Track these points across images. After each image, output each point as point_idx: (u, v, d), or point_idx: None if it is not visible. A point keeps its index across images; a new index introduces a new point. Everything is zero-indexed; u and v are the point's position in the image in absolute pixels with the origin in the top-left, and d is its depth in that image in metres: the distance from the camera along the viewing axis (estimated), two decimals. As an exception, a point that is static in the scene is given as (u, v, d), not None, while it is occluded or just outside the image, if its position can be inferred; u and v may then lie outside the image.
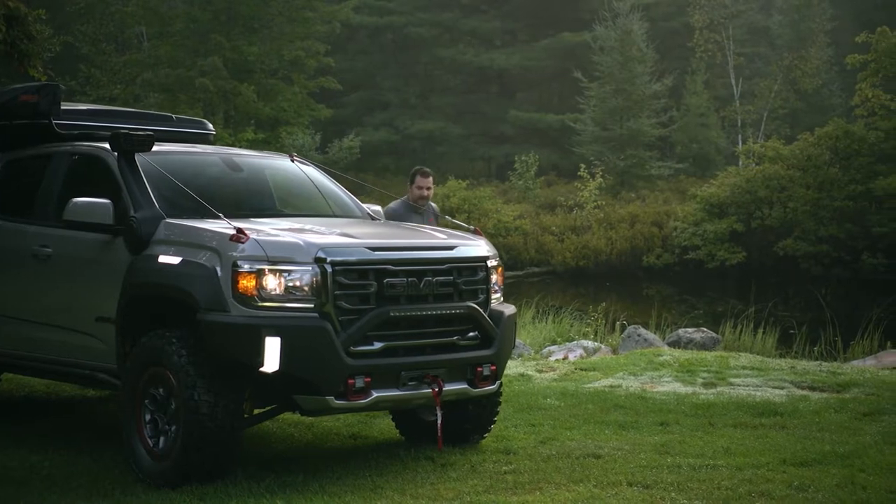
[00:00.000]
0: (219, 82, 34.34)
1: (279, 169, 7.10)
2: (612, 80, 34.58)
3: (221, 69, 34.63)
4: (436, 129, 41.24)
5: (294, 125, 35.48)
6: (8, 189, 6.82)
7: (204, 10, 36.42)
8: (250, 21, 36.71)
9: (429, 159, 40.59)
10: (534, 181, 32.56)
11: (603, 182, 28.72)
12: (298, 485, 5.25)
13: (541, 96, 45.15)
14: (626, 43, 34.59)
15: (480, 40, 44.20)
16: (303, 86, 37.24)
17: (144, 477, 5.35)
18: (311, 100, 37.46)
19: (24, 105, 6.51)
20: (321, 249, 5.32)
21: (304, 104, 37.30)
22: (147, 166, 6.05)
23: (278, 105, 36.23)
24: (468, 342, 5.72)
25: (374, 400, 5.37)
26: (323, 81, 37.54)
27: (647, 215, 28.10)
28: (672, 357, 9.69)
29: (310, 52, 36.91)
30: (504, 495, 4.90)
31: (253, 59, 35.94)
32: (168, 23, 36.81)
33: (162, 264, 5.51)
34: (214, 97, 34.12)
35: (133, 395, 5.50)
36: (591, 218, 28.05)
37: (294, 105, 36.78)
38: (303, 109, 37.15)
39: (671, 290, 23.66)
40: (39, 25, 14.10)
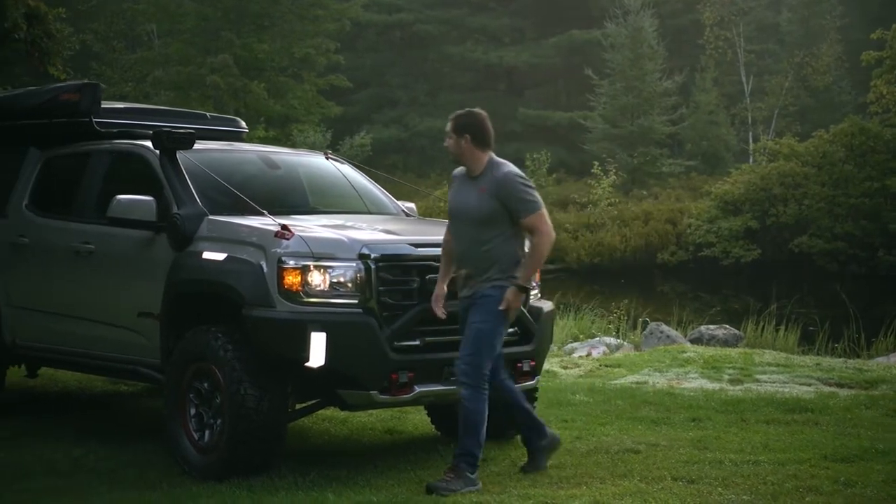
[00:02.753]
0: (229, 80, 34.46)
1: (314, 166, 7.16)
2: (623, 78, 34.60)
3: (232, 67, 34.75)
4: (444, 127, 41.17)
5: (304, 123, 35.57)
6: (48, 187, 6.89)
7: (214, 7, 36.53)
8: (260, 19, 36.83)
9: (437, 157, 40.67)
10: (545, 179, 32.61)
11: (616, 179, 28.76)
12: (343, 478, 5.31)
13: (549, 94, 45.18)
14: (636, 40, 34.60)
15: (489, 38, 44.23)
16: (313, 83, 37.36)
17: (190, 470, 5.42)
18: (321, 97, 37.59)
19: (64, 104, 6.58)
20: (365, 246, 5.38)
21: (315, 102, 37.41)
22: (188, 164, 6.11)
23: (288, 102, 36.36)
24: (508, 338, 5.76)
25: (417, 395, 5.43)
26: (333, 79, 37.64)
27: (661, 213, 28.13)
28: (696, 354, 9.75)
29: (320, 50, 37.03)
30: (550, 489, 4.96)
31: (263, 57, 36.06)
32: (178, 20, 36.94)
33: (206, 261, 5.58)
34: (225, 95, 34.22)
35: (178, 389, 5.56)
36: (605, 215, 28.09)
37: (304, 102, 36.90)
38: (313, 107, 37.26)
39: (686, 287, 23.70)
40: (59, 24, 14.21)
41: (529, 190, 5.19)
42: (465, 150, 5.27)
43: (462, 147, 5.28)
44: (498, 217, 5.13)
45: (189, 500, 4.88)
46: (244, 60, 35.59)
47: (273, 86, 35.88)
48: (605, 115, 35.22)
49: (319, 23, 37.50)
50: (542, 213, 5.15)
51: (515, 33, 45.01)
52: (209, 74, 34.38)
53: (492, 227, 5.14)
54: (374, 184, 7.20)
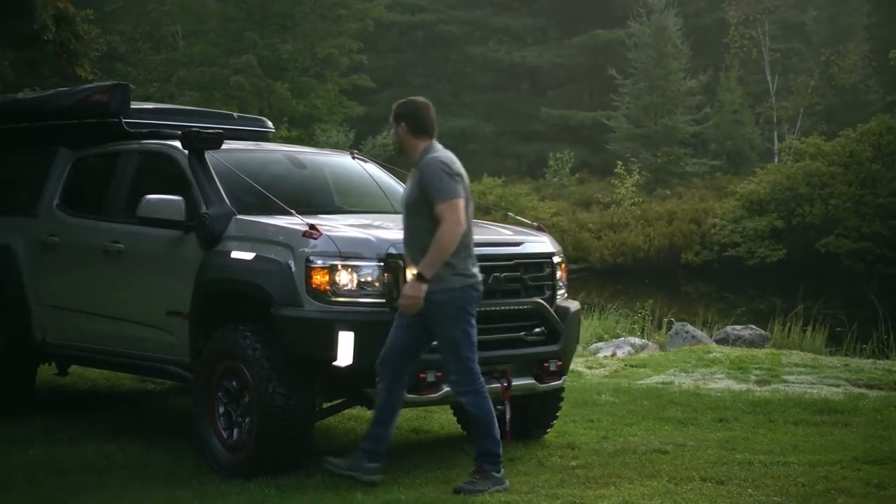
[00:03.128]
0: (253, 80, 34.64)
1: (339, 166, 7.19)
2: (647, 77, 34.45)
3: (255, 67, 34.94)
4: (467, 127, 41.28)
5: (327, 122, 35.70)
6: (77, 186, 6.96)
7: (238, 8, 36.75)
8: (284, 19, 37.00)
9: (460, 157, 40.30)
10: (569, 178, 32.53)
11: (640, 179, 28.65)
12: (372, 477, 5.31)
13: (572, 93, 45.05)
14: (660, 39, 34.43)
15: (512, 38, 44.19)
16: (336, 83, 37.50)
17: (219, 468, 5.45)
18: (344, 97, 37.71)
19: (95, 104, 6.64)
20: (392, 245, 5.39)
21: (337, 102, 37.54)
22: (216, 163, 6.15)
23: (311, 102, 36.49)
24: (535, 338, 5.78)
25: (445, 394, 5.44)
26: (355, 79, 37.76)
27: (686, 212, 27.98)
28: (722, 354, 9.71)
29: (342, 50, 37.15)
30: (578, 489, 4.95)
31: (286, 57, 36.24)
32: (203, 21, 37.20)
33: (235, 260, 5.61)
34: (249, 95, 34.40)
35: (207, 388, 5.60)
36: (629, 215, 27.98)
37: (327, 103, 37.02)
38: (336, 107, 37.38)
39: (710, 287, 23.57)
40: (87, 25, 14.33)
41: (446, 178, 4.94)
42: (402, 137, 5.19)
43: (399, 135, 5.21)
44: (421, 205, 4.97)
45: (219, 497, 4.91)
46: (268, 61, 35.77)
47: (296, 86, 36.04)
48: (629, 115, 35.07)
49: (342, 23, 37.62)
50: (453, 203, 4.88)
51: (538, 33, 44.93)
52: (233, 75, 34.58)
53: (417, 216, 5.01)
54: (400, 183, 7.21)
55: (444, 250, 4.88)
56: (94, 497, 4.92)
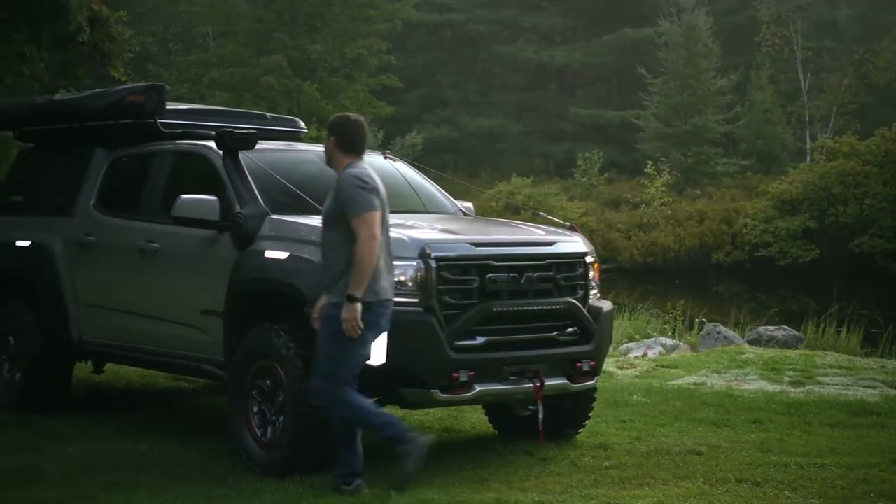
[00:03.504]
0: (282, 80, 34.84)
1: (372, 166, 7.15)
2: (677, 76, 34.21)
3: (285, 67, 35.14)
4: (495, 127, 41.25)
5: (356, 123, 35.78)
6: (113, 186, 7.04)
7: (268, 9, 36.99)
8: (313, 20, 37.18)
9: (488, 156, 40.67)
10: (597, 178, 32.40)
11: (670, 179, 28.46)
12: (404, 476, 5.32)
13: (600, 93, 44.86)
14: (691, 38, 34.18)
15: (540, 37, 44.08)
16: (364, 83, 37.62)
17: (254, 466, 5.49)
18: (373, 97, 37.84)
19: (130, 105, 6.70)
20: (425, 245, 5.41)
21: (366, 102, 37.65)
22: (250, 163, 6.19)
23: (340, 102, 36.58)
24: (567, 337, 5.77)
25: (477, 394, 5.45)
26: (384, 79, 37.87)
27: (716, 212, 27.77)
28: (755, 355, 9.63)
29: (371, 50, 37.28)
30: (612, 490, 4.94)
31: (316, 58, 36.42)
32: (233, 22, 37.48)
33: (269, 259, 5.65)
34: (278, 95, 34.60)
35: (241, 387, 5.64)
36: (659, 215, 27.81)
37: (356, 103, 37.10)
38: (364, 107, 37.46)
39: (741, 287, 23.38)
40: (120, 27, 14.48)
41: (361, 191, 4.95)
42: (330, 150, 5.23)
43: (328, 147, 5.25)
44: (336, 220, 4.99)
45: (253, 495, 4.95)
46: (297, 61, 35.96)
47: (325, 86, 36.20)
48: (659, 114, 34.85)
49: (371, 23, 37.73)
50: (365, 217, 4.90)
51: (567, 32, 44.79)
52: (263, 75, 34.81)
53: (333, 229, 5.01)
54: (432, 183, 7.23)
55: (365, 266, 4.87)
56: (130, 494, 4.97)
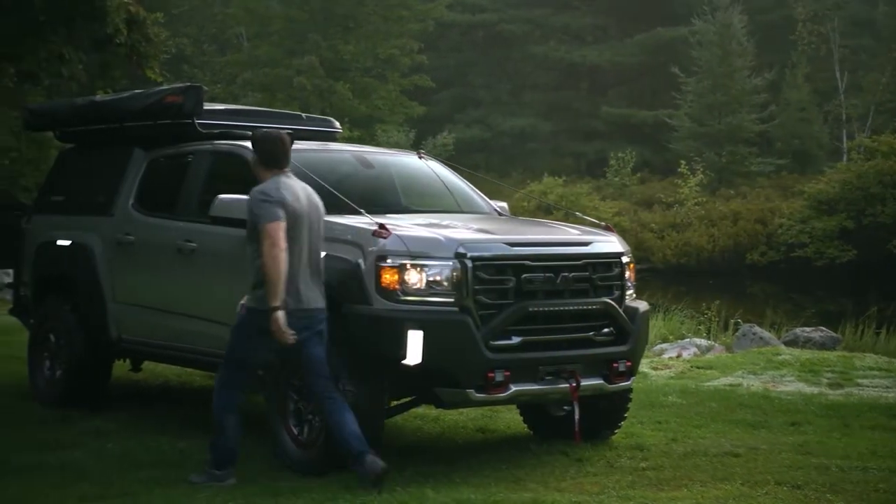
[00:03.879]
0: (315, 81, 35.07)
1: (406, 166, 7.23)
2: (711, 75, 33.90)
3: (318, 68, 35.36)
4: (527, 126, 41.17)
5: (388, 123, 35.94)
6: (151, 186, 7.11)
7: (301, 10, 37.24)
8: (346, 20, 37.37)
9: (519, 156, 40.60)
10: (630, 178, 32.21)
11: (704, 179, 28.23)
12: (440, 475, 5.34)
13: (632, 92, 44.61)
14: (725, 37, 33.87)
15: (572, 36, 43.93)
16: (397, 83, 37.76)
17: (290, 464, 5.52)
18: (405, 97, 37.95)
19: (169, 106, 6.77)
20: (461, 245, 5.42)
21: (398, 102, 37.81)
22: (286, 163, 6.22)
23: (373, 103, 36.80)
24: (603, 338, 5.75)
25: (513, 394, 5.44)
26: (416, 79, 37.98)
27: (751, 212, 27.50)
28: (792, 356, 9.54)
29: (404, 50, 37.40)
30: (650, 491, 4.91)
31: (348, 58, 36.61)
32: (267, 23, 37.77)
33: (305, 259, 5.67)
34: (311, 96, 34.81)
35: (277, 385, 5.68)
36: (692, 215, 27.60)
37: (388, 103, 37.30)
38: (397, 107, 37.64)
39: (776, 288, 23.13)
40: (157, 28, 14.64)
41: (263, 204, 5.12)
42: (253, 165, 5.42)
43: (251, 162, 5.45)
44: (252, 234, 5.18)
45: (291, 494, 4.98)
46: (330, 61, 36.16)
47: (357, 86, 36.37)
48: (692, 114, 34.56)
49: (404, 23, 37.86)
50: (266, 228, 5.04)
51: (598, 32, 44.59)
52: (296, 76, 35.04)
53: (251, 244, 5.20)
54: (467, 183, 7.23)
55: (271, 274, 5.01)
56: (169, 491, 5.02)
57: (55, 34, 11.86)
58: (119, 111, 7.16)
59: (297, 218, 5.15)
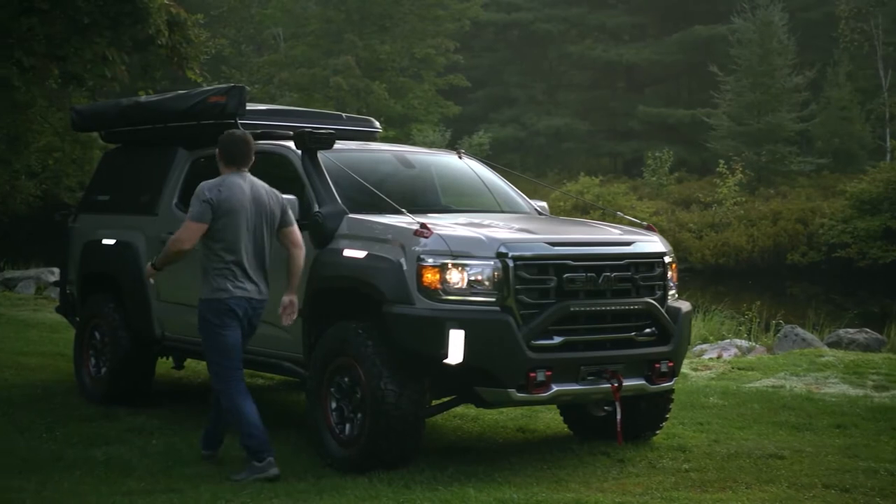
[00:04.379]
0: (351, 80, 35.22)
1: (446, 165, 7.24)
2: (751, 74, 33.49)
3: (354, 68, 35.51)
4: (562, 126, 40.98)
5: (424, 122, 36.00)
6: (194, 186, 7.15)
7: (338, 10, 37.42)
8: (382, 20, 37.50)
9: (555, 156, 40.44)
10: (667, 177, 31.94)
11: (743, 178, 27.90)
12: (481, 474, 5.35)
13: (669, 91, 44.23)
14: (765, 35, 33.44)
15: (608, 35, 43.67)
16: (432, 83, 37.82)
17: (332, 462, 5.56)
18: (440, 97, 37.99)
19: (213, 106, 6.83)
20: (503, 244, 5.41)
21: (434, 101, 37.87)
22: (328, 163, 6.27)
23: (408, 102, 36.90)
24: (645, 338, 5.71)
25: (555, 394, 5.43)
26: (452, 78, 38.00)
27: (791, 212, 27.12)
28: (835, 358, 9.39)
29: (439, 50, 37.45)
30: (693, 493, 4.87)
31: (384, 58, 36.73)
32: (303, 24, 38.02)
33: (347, 258, 5.71)
34: (347, 95, 34.98)
35: (319, 383, 5.72)
36: (731, 215, 27.29)
37: (424, 102, 37.38)
38: (432, 106, 37.70)
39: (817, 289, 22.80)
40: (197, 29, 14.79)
41: (195, 201, 5.49)
42: (217, 160, 5.70)
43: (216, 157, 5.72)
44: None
45: (334, 491, 5.00)
46: (366, 61, 36.30)
47: (393, 86, 36.48)
48: (731, 113, 34.16)
49: (440, 23, 37.91)
50: (188, 223, 5.50)
51: (636, 30, 44.28)
52: (332, 76, 35.22)
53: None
54: (506, 182, 7.22)
55: (166, 253, 5.62)
56: (215, 487, 5.07)
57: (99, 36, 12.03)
58: (163, 112, 7.25)
59: (232, 214, 5.47)
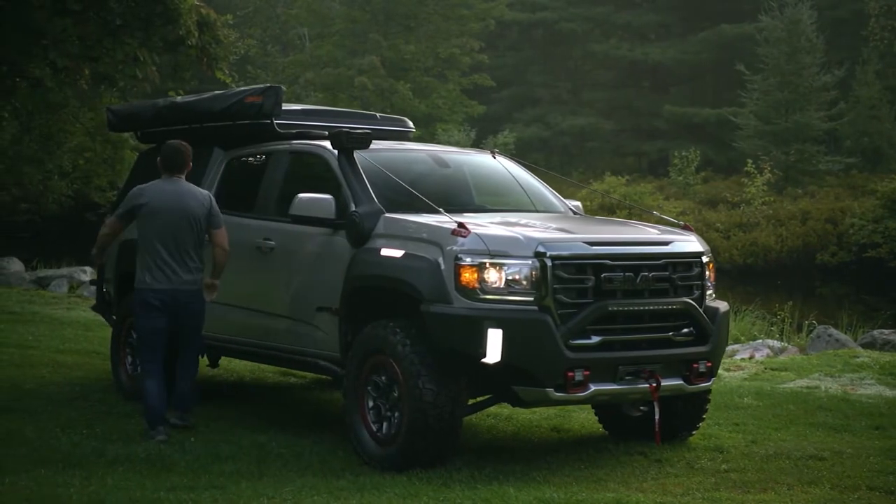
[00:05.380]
0: (376, 80, 35.30)
1: (479, 165, 7.24)
2: (778, 73, 33.21)
3: (379, 68, 35.59)
4: (587, 125, 40.84)
5: (449, 122, 36.01)
6: (230, 185, 7.24)
7: (362, 10, 37.54)
8: (407, 20, 37.57)
9: (579, 155, 40.31)
10: (694, 177, 31.74)
11: (772, 177, 27.67)
12: (519, 473, 5.35)
13: (696, 90, 43.95)
14: (793, 33, 33.16)
15: (634, 34, 43.48)
16: (457, 83, 37.83)
17: (369, 460, 5.58)
18: (465, 97, 37.99)
19: (249, 106, 6.88)
20: (541, 244, 5.41)
21: (458, 101, 37.87)
22: (364, 163, 6.30)
23: (433, 102, 36.92)
24: (683, 338, 5.69)
25: (592, 393, 5.42)
26: (476, 78, 37.99)
27: (821, 212, 26.85)
28: (871, 359, 9.31)
29: (464, 50, 37.45)
30: (736, 493, 4.85)
31: (409, 58, 36.79)
32: (328, 24, 38.15)
33: (384, 257, 5.73)
34: (372, 95, 35.05)
35: (356, 382, 5.74)
36: (759, 214, 27.08)
37: (448, 102, 37.39)
38: (457, 106, 37.70)
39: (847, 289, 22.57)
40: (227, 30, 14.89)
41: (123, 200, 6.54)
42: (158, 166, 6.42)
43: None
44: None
45: (373, 488, 5.02)
46: (391, 61, 36.38)
47: (418, 86, 36.52)
48: (758, 112, 33.89)
49: (464, 22, 37.92)
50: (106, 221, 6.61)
51: (661, 29, 44.05)
52: (357, 75, 35.31)
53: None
54: (541, 182, 7.21)
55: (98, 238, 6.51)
56: (256, 484, 5.10)
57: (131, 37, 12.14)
58: (200, 112, 7.30)
59: (154, 215, 6.18)
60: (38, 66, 12.38)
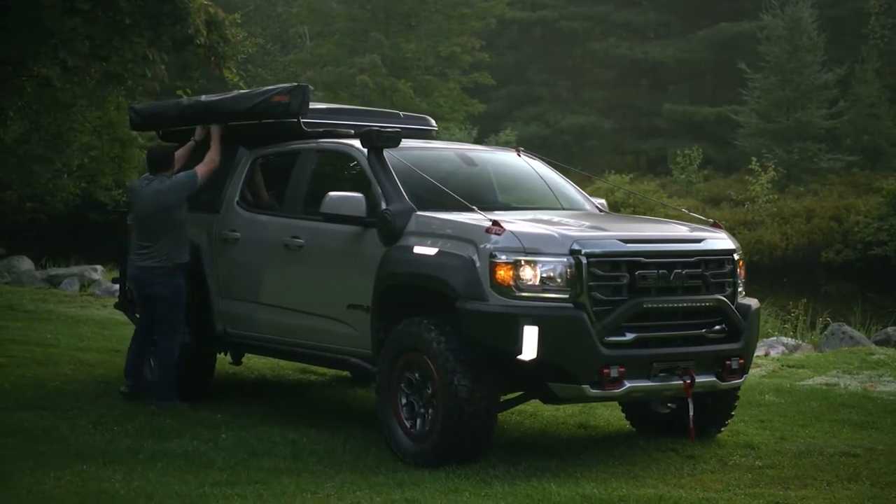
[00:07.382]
0: (377, 79, 35.28)
1: (503, 163, 7.26)
2: (779, 71, 33.26)
3: (380, 66, 35.57)
4: (587, 124, 40.90)
5: (450, 120, 36.01)
6: (255, 184, 7.24)
7: (363, 8, 37.51)
8: (408, 18, 37.56)
9: (579, 154, 40.34)
10: (695, 175, 31.79)
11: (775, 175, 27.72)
12: (555, 469, 5.37)
13: (695, 89, 44.01)
14: (795, 32, 33.22)
15: (634, 33, 43.52)
16: (457, 81, 37.83)
17: (403, 457, 5.60)
18: (465, 95, 37.99)
19: (276, 105, 6.88)
20: (575, 241, 5.44)
21: (459, 99, 37.87)
22: (394, 161, 6.31)
23: (434, 101, 36.89)
24: (716, 335, 5.72)
25: (627, 390, 5.44)
26: (477, 76, 38.00)
27: (825, 210, 26.90)
28: (887, 356, 9.36)
29: (465, 48, 37.45)
30: (777, 489, 4.87)
31: (410, 56, 36.79)
32: (329, 22, 38.13)
33: (417, 255, 5.74)
34: (373, 94, 35.03)
35: (389, 379, 5.75)
36: (764, 212, 27.13)
37: (449, 100, 37.38)
38: (457, 105, 37.71)
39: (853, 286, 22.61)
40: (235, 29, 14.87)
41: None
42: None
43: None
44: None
45: (412, 484, 5.04)
46: (391, 60, 36.36)
47: (419, 84, 36.51)
48: (759, 110, 33.95)
49: (465, 21, 37.92)
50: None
51: (661, 28, 44.10)
52: (358, 74, 35.29)
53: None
54: (566, 180, 7.23)
55: None
56: (296, 480, 5.11)
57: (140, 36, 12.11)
58: (225, 111, 7.30)
59: (134, 208, 7.05)
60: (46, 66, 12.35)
